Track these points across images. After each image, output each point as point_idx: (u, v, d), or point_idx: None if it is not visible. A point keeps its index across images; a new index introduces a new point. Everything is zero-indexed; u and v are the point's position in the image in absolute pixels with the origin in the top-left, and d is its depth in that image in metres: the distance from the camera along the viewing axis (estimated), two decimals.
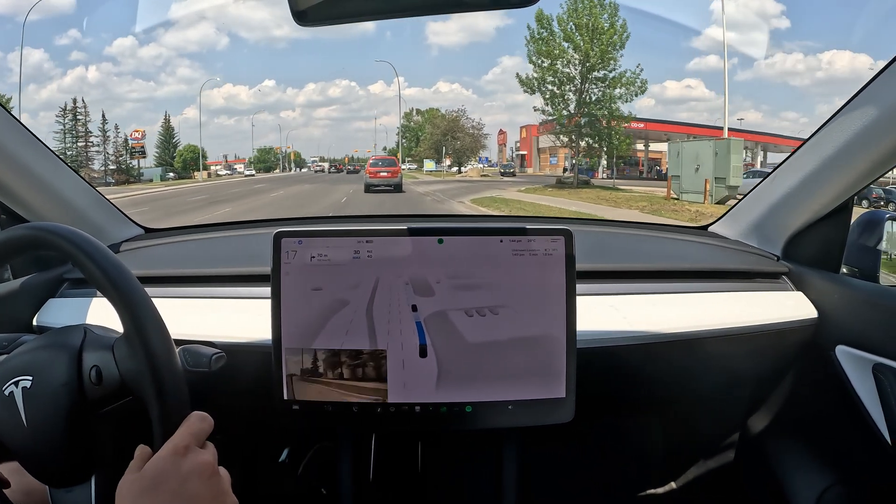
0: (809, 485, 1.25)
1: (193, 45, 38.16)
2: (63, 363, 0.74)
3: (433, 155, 33.92)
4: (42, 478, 0.76)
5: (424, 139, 34.90)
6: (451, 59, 41.55)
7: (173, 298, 1.15)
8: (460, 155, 32.91)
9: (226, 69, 41.57)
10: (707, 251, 1.42)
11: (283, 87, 42.13)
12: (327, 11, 0.79)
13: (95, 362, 0.74)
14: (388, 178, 20.39)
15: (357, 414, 0.92)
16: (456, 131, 33.27)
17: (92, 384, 0.73)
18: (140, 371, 0.69)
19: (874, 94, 0.99)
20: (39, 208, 1.22)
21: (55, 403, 0.73)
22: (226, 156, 36.41)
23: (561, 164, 28.31)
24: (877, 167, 1.05)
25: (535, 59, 21.85)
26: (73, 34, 33.47)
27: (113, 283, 0.69)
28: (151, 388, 0.69)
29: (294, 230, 0.92)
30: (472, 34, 39.41)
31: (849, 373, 1.12)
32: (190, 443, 0.67)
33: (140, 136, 31.09)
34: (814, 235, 1.24)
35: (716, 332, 1.13)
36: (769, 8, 26.41)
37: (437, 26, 39.11)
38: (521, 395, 0.92)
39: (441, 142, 33.24)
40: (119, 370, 0.73)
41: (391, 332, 0.91)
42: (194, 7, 33.86)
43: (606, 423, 1.49)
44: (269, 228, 1.07)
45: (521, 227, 0.92)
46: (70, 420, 0.73)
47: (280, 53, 43.55)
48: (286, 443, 1.31)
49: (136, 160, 31.21)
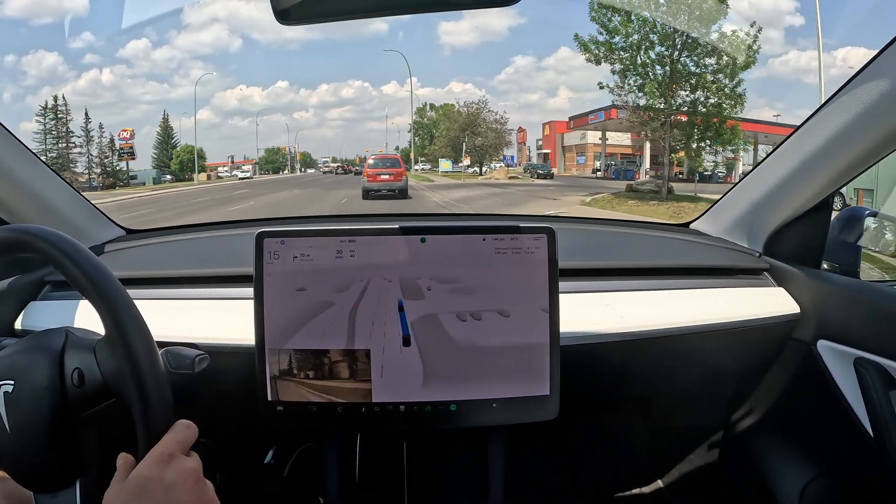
0: (793, 478, 1.26)
1: (206, 48, 37.52)
2: (44, 366, 0.73)
3: (450, 154, 30.04)
4: (26, 483, 0.76)
5: (440, 136, 30.85)
6: (464, 58, 41.15)
7: (156, 300, 1.14)
8: (482, 153, 29.19)
9: (239, 71, 41.14)
10: (689, 248, 1.43)
11: (296, 89, 41.61)
12: (309, 10, 0.79)
13: (77, 364, 0.73)
14: (391, 181, 17.10)
15: (342, 414, 0.92)
16: (476, 126, 29.13)
17: (74, 387, 0.73)
18: (122, 372, 0.69)
19: (854, 93, 1.00)
20: (18, 210, 1.20)
21: (38, 407, 0.72)
22: (232, 156, 34.60)
23: (590, 165, 26.26)
24: (857, 164, 1.06)
25: (603, 16, 15.12)
26: (86, 37, 32.91)
27: (94, 286, 0.69)
28: (134, 393, 0.68)
29: (276, 230, 0.91)
30: (485, 34, 38.75)
31: (830, 367, 1.13)
32: (175, 451, 0.66)
33: (128, 135, 28.01)
34: (795, 232, 1.25)
35: (698, 329, 1.14)
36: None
37: (448, 26, 38.61)
38: (506, 393, 0.93)
39: (459, 138, 29.21)
40: (101, 372, 0.72)
41: (375, 332, 0.91)
42: (206, 10, 33.77)
43: (591, 420, 1.50)
44: (251, 228, 1.07)
45: (504, 225, 0.93)
46: (53, 423, 0.72)
47: (293, 55, 43.13)
48: (271, 444, 1.30)
49: (125, 162, 28.12)
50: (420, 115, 34.13)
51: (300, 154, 36.75)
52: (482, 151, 28.93)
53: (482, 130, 29.00)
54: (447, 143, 29.83)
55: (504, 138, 29.34)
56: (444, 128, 30.67)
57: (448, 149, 29.73)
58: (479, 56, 40.58)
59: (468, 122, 29.37)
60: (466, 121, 29.46)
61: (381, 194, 16.63)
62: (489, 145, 28.96)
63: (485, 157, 29.08)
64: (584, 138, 26.43)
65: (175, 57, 35.34)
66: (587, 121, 24.33)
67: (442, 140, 30.43)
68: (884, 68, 0.94)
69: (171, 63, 35.57)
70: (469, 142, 28.84)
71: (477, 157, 29.08)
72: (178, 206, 17.26)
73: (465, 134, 28.99)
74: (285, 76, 46.60)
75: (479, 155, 29.05)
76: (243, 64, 40.08)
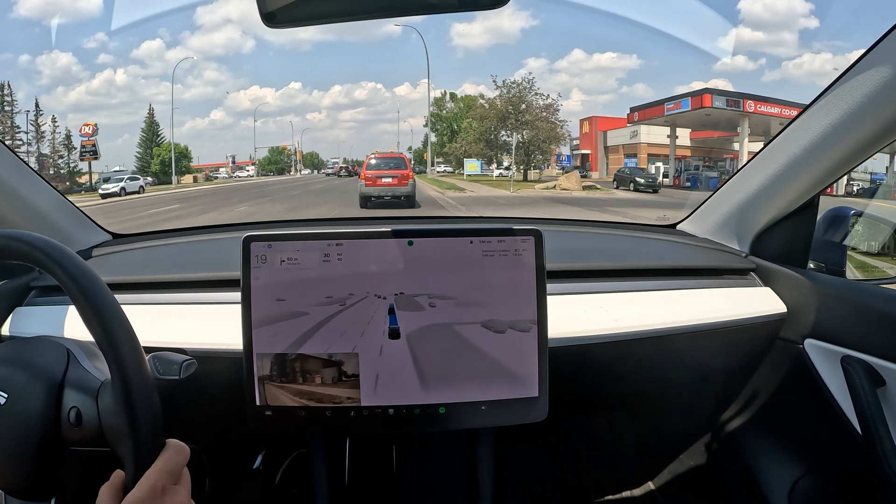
0: (781, 476, 1.27)
1: (219, 49, 37.69)
2: (41, 393, 0.72)
3: (483, 152, 22.41)
4: (2, 486, 0.75)
5: (467, 131, 23.55)
6: (477, 60, 40.88)
7: (143, 305, 1.13)
8: (530, 150, 21.53)
9: (252, 72, 41.12)
10: (676, 249, 1.43)
11: (308, 90, 41.70)
12: (296, 13, 0.79)
13: (76, 403, 0.73)
14: (394, 185, 14.29)
15: (330, 418, 0.92)
16: (523, 113, 21.60)
17: (70, 424, 0.72)
18: (121, 427, 0.67)
19: (838, 95, 1.01)
20: (5, 215, 1.19)
21: (27, 428, 0.71)
22: (233, 156, 32.75)
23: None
24: (842, 165, 1.08)
25: None
26: (100, 37, 32.77)
27: (82, 291, 0.67)
28: (125, 421, 0.67)
29: (263, 234, 0.91)
30: (497, 36, 38.21)
31: (818, 365, 1.14)
32: (167, 483, 0.65)
33: (91, 131, 23.24)
34: (781, 232, 1.26)
35: (685, 329, 1.15)
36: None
37: (461, 27, 38.25)
38: (495, 396, 0.93)
39: (496, 130, 21.74)
40: (101, 422, 0.71)
41: (363, 335, 0.91)
42: (220, 11, 33.78)
43: (580, 421, 1.51)
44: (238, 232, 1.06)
45: (491, 227, 0.93)
46: (39, 448, 0.71)
47: (305, 56, 43.33)
48: (260, 448, 1.30)
49: (88, 162, 23.60)
50: (438, 106, 27.65)
51: (300, 154, 35.63)
52: (530, 148, 21.77)
53: (529, 120, 21.55)
54: (477, 138, 22.64)
55: (557, 131, 21.90)
56: (473, 126, 23.20)
57: (480, 145, 22.61)
58: (492, 58, 40.39)
59: (510, 107, 21.86)
60: (508, 106, 21.88)
61: (382, 201, 14.12)
62: (540, 140, 21.60)
63: (533, 155, 22.01)
64: (637, 136, 21.86)
65: (189, 57, 35.32)
66: (663, 111, 19.55)
67: (471, 134, 23.17)
68: (867, 72, 0.95)
69: (184, 63, 35.57)
70: (513, 132, 21.60)
71: (522, 155, 21.85)
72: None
73: (508, 124, 21.67)
74: (298, 77, 46.73)
75: (525, 153, 21.83)
76: (256, 65, 40.30)
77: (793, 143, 1.12)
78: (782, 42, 24.64)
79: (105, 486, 0.67)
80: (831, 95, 1.02)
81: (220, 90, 38.34)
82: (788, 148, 1.14)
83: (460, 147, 23.81)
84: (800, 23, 24.46)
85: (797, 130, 1.11)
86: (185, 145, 28.40)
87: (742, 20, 23.89)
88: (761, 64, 27.57)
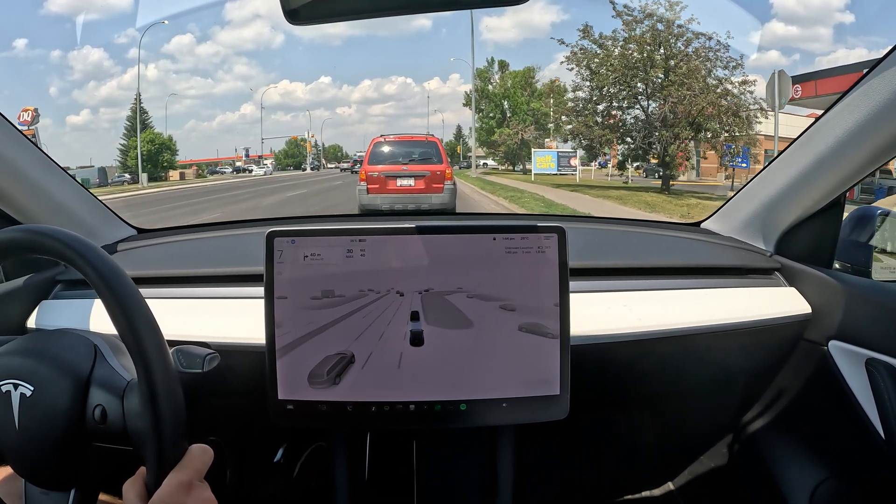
0: (803, 480, 1.26)
1: (249, 44, 38.01)
2: (68, 388, 0.73)
3: (593, 132, 13.79)
4: (23, 473, 0.76)
5: (559, 101, 15.37)
6: (507, 54, 40.92)
7: (167, 299, 1.14)
8: (713, 137, 13.06)
9: (282, 66, 41.48)
10: (700, 248, 1.42)
11: (338, 84, 42.11)
12: (318, 10, 0.80)
13: (102, 402, 0.73)
14: (419, 191, 9.25)
15: (352, 413, 0.92)
16: (679, 63, 12.70)
17: (94, 421, 0.73)
18: (145, 429, 0.68)
19: (866, 92, 0.99)
20: (31, 210, 1.21)
21: (52, 422, 0.72)
22: (247, 149, 31.19)
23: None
24: (869, 163, 1.06)
25: None
26: (130, 32, 33.01)
27: (107, 285, 0.68)
28: (150, 424, 0.67)
29: (287, 229, 0.92)
30: (527, 30, 37.30)
31: (842, 368, 1.12)
32: (194, 479, 0.67)
33: (30, 118, 19.36)
34: (806, 231, 1.24)
35: (709, 328, 1.14)
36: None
37: (491, 21, 37.30)
38: (516, 393, 0.92)
39: (631, 84, 13.00)
40: (126, 423, 0.72)
41: (385, 331, 0.91)
42: (249, 6, 33.81)
43: (601, 420, 1.50)
44: (262, 228, 1.07)
45: (514, 224, 0.93)
46: (62, 441, 0.73)
47: (335, 51, 43.79)
48: (281, 442, 1.31)
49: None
50: (482, 78, 19.95)
51: (309, 146, 34.40)
52: (707, 131, 13.07)
53: (699, 87, 12.64)
54: (582, 109, 13.83)
55: (745, 115, 13.15)
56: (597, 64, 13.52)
57: (587, 119, 13.83)
58: (522, 52, 40.29)
59: (656, 49, 12.74)
60: (646, 47, 12.86)
61: (398, 209, 9.15)
62: (725, 124, 12.97)
63: (703, 143, 13.74)
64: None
65: (219, 52, 35.81)
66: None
67: (566, 110, 14.45)
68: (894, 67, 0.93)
69: (214, 58, 36.01)
70: (660, 97, 12.91)
71: (670, 139, 13.18)
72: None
73: (650, 79, 12.79)
74: (328, 72, 47.48)
75: (694, 134, 13.22)
76: (287, 59, 40.59)
77: (819, 140, 1.10)
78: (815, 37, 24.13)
79: (129, 484, 0.68)
80: (859, 91, 1.00)
81: (250, 84, 38.38)
82: (815, 145, 1.12)
83: (556, 123, 15.32)
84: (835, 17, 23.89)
85: (824, 127, 1.09)
86: (168, 135, 25.04)
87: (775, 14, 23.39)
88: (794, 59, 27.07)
